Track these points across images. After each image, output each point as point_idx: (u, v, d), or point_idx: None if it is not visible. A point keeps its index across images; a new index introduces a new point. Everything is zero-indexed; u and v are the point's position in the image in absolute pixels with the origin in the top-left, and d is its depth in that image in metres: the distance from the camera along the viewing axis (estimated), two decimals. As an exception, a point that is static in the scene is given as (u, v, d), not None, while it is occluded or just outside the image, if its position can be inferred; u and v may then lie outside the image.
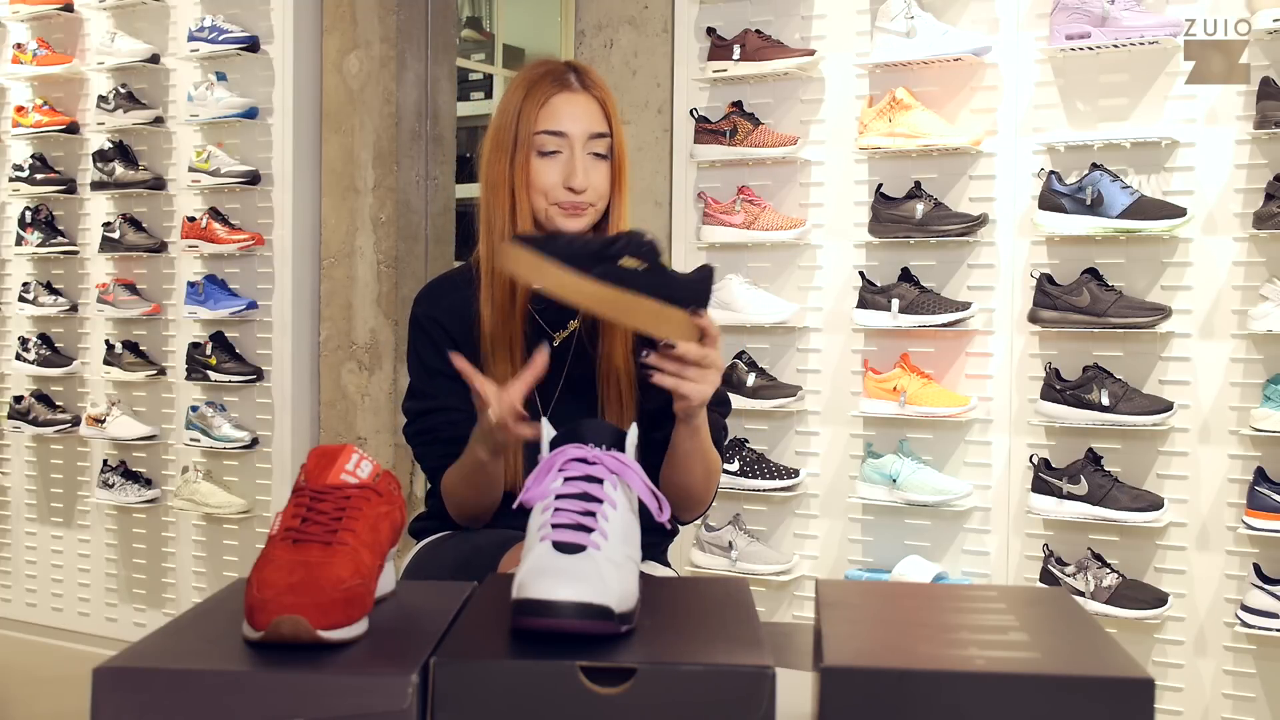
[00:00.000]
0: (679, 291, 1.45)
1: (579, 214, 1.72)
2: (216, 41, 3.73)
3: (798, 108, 3.14)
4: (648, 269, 1.43)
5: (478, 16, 5.55)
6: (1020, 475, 2.88)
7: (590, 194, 1.72)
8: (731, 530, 3.09)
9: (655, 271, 1.45)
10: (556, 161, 1.71)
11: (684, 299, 1.45)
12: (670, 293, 1.44)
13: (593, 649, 0.99)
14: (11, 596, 4.31)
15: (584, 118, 1.72)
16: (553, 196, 1.71)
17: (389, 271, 3.69)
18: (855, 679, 0.96)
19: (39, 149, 4.15)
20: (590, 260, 1.43)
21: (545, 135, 1.70)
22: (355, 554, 1.06)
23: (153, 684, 0.97)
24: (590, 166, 1.72)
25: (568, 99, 1.72)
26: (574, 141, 1.70)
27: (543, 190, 1.71)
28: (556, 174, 1.70)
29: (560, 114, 1.71)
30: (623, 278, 1.42)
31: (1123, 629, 2.69)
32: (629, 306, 1.43)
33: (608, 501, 1.11)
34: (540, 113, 1.71)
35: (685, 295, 1.45)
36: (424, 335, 1.79)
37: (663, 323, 1.44)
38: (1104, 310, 2.72)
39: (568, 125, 1.70)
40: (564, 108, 1.71)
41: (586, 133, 1.71)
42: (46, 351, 4.12)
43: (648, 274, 1.43)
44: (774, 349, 3.16)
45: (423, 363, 1.79)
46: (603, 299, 1.42)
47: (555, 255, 1.43)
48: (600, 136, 1.72)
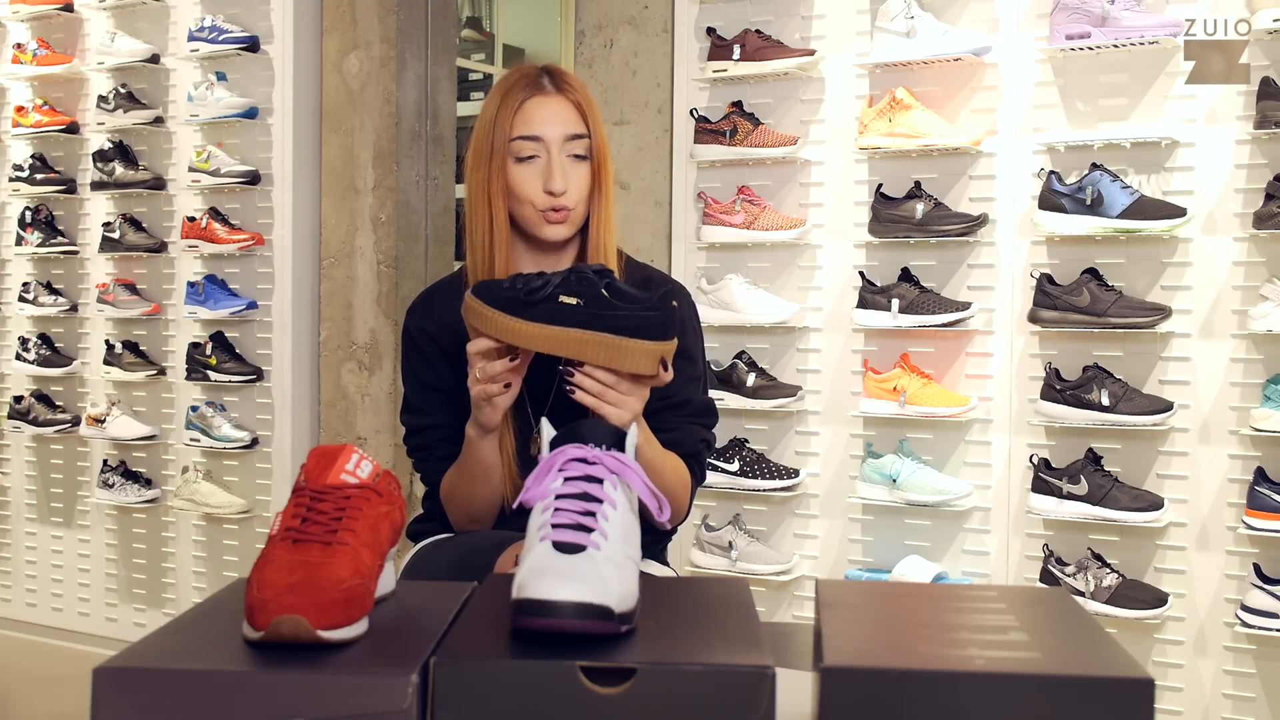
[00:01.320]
0: (626, 319, 1.42)
1: (561, 220, 1.72)
2: (216, 41, 3.73)
3: (798, 108, 3.14)
4: (585, 303, 1.42)
5: (478, 16, 5.55)
6: (1020, 475, 2.88)
7: (570, 196, 1.71)
8: (731, 530, 3.09)
9: (597, 304, 1.42)
10: (535, 166, 1.70)
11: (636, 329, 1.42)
12: (618, 322, 1.42)
13: (593, 649, 0.99)
14: (11, 596, 4.31)
15: (559, 120, 1.71)
16: (536, 203, 1.71)
17: (389, 271, 3.69)
18: (855, 679, 0.96)
19: (39, 149, 4.15)
20: (523, 305, 1.43)
21: (521, 141, 1.70)
22: (355, 554, 1.06)
23: (153, 684, 0.97)
24: (569, 169, 1.71)
25: (541, 103, 1.71)
26: (550, 145, 1.70)
27: (525, 198, 1.71)
28: (535, 178, 1.70)
29: (533, 118, 1.70)
30: (561, 315, 1.41)
31: (1123, 629, 2.69)
32: (573, 343, 1.42)
33: (608, 501, 1.11)
34: (515, 119, 1.70)
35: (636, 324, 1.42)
36: (416, 349, 1.80)
37: (615, 355, 1.42)
38: (1104, 310, 2.72)
39: (541, 129, 1.70)
40: (537, 111, 1.71)
41: (562, 135, 1.70)
42: (46, 351, 4.12)
43: (586, 309, 1.41)
44: (774, 349, 3.16)
45: (416, 377, 1.80)
46: (548, 340, 1.42)
47: (494, 304, 1.44)
48: (578, 138, 1.72)
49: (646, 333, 1.42)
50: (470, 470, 1.68)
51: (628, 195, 3.34)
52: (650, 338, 1.42)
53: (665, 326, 1.43)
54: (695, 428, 1.76)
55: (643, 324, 1.42)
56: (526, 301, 1.43)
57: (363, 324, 3.72)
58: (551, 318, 1.42)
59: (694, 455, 1.74)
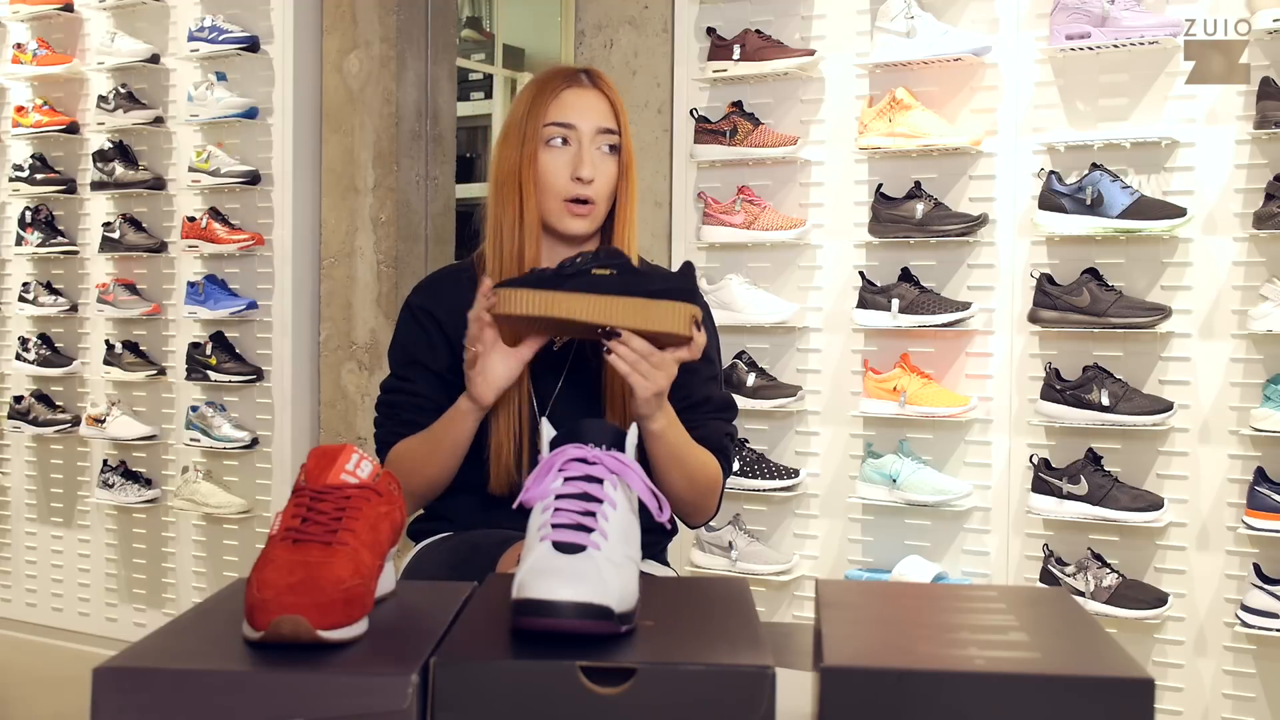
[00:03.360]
0: (658, 284, 1.53)
1: (586, 213, 1.73)
2: (216, 41, 3.73)
3: (798, 108, 3.14)
4: (618, 273, 1.52)
5: (478, 16, 5.56)
6: (1020, 475, 2.88)
7: (597, 187, 1.73)
8: (731, 530, 3.08)
9: (628, 272, 1.53)
10: (565, 154, 1.73)
11: (665, 292, 1.52)
12: (650, 287, 1.52)
13: (593, 649, 0.99)
14: (11, 596, 4.31)
15: (593, 112, 1.74)
16: (562, 192, 1.72)
17: (389, 271, 3.69)
18: (855, 679, 0.96)
19: (39, 149, 4.15)
20: (561, 278, 1.52)
21: (554, 127, 1.73)
22: (355, 554, 1.06)
23: (153, 684, 0.97)
24: (599, 160, 1.73)
25: (577, 94, 1.75)
26: (582, 134, 1.73)
27: (551, 188, 1.73)
28: (565, 166, 1.72)
29: (569, 107, 1.73)
30: (596, 284, 1.51)
31: (1123, 629, 2.69)
32: (611, 307, 1.51)
33: (608, 501, 1.11)
34: (550, 106, 1.73)
35: (666, 288, 1.53)
36: (415, 324, 1.82)
37: (650, 315, 1.52)
38: (1104, 310, 2.72)
39: (575, 118, 1.73)
40: (573, 101, 1.74)
41: (595, 127, 1.74)
42: (46, 351, 4.12)
43: (620, 277, 1.52)
44: (774, 349, 3.16)
45: (405, 349, 1.82)
46: (585, 306, 1.51)
47: (529, 284, 1.54)
48: (609, 132, 1.75)
49: (676, 295, 1.53)
50: (439, 439, 1.71)
51: (628, 195, 3.34)
52: (680, 299, 1.52)
53: (692, 291, 1.55)
54: (718, 423, 1.79)
55: (672, 286, 1.53)
56: (561, 276, 1.52)
57: (363, 324, 3.72)
58: (588, 287, 1.51)
59: (721, 450, 1.78)
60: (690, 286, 1.55)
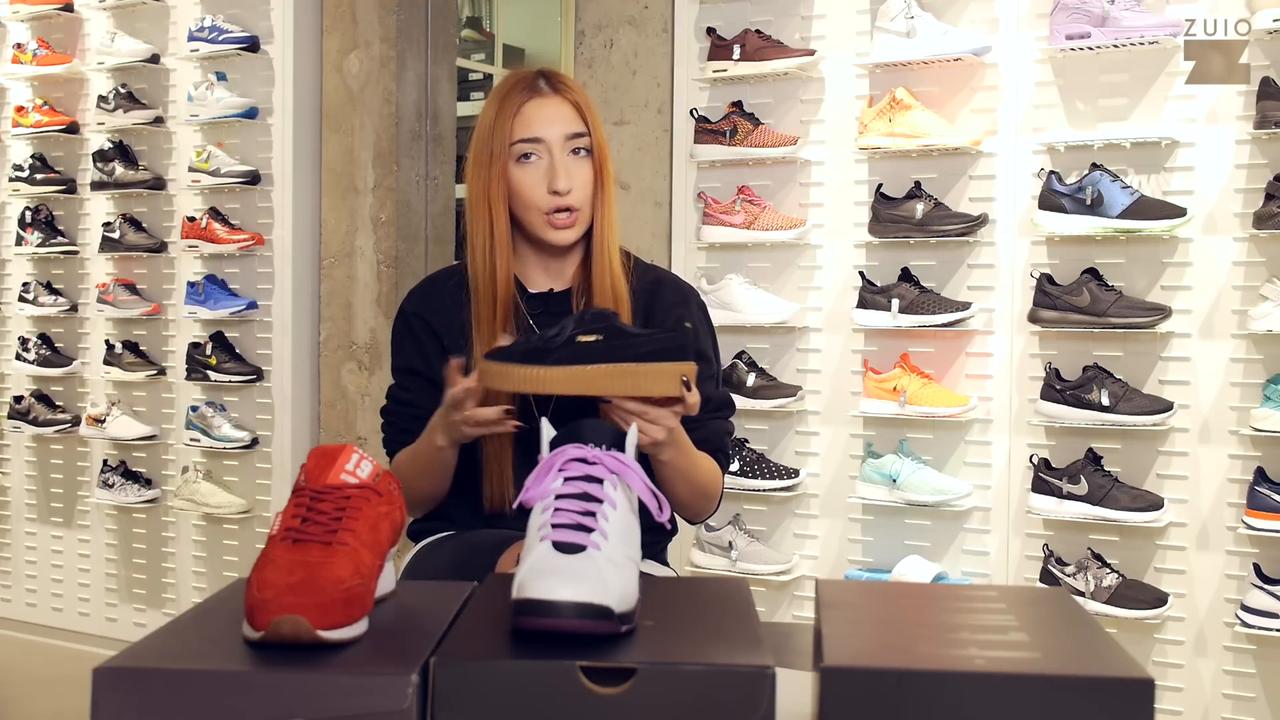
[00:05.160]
0: (646, 346, 1.46)
1: (568, 224, 1.73)
2: (216, 41, 3.73)
3: (798, 108, 3.14)
4: (605, 337, 1.45)
5: (478, 16, 5.55)
6: (1020, 475, 2.88)
7: (575, 195, 1.72)
8: (731, 530, 3.09)
9: (615, 336, 1.46)
10: (538, 169, 1.72)
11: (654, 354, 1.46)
12: (639, 350, 1.45)
13: (593, 649, 0.99)
14: (11, 596, 4.31)
15: (558, 120, 1.73)
16: (542, 206, 1.72)
17: (389, 271, 3.69)
18: (855, 679, 0.96)
19: (39, 149, 4.14)
20: (543, 352, 1.45)
21: (522, 144, 1.72)
22: (355, 554, 1.06)
23: (153, 684, 0.97)
24: (572, 166, 1.72)
25: (539, 104, 1.73)
26: (551, 145, 1.72)
27: (530, 204, 1.72)
28: (539, 180, 1.71)
29: (533, 120, 1.72)
30: (582, 354, 1.44)
31: (1123, 629, 2.69)
32: (598, 379, 1.44)
33: (608, 501, 1.11)
34: (514, 123, 1.72)
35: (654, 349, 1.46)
36: (409, 333, 1.83)
37: (639, 383, 1.45)
38: (1104, 310, 2.72)
39: (542, 130, 1.72)
40: (536, 113, 1.72)
41: (563, 135, 1.72)
42: (46, 351, 4.12)
43: (607, 343, 1.45)
44: (774, 349, 3.16)
45: (403, 360, 1.83)
46: (571, 382, 1.44)
47: (513, 359, 1.46)
48: (578, 136, 1.73)
49: (666, 355, 1.46)
50: (422, 460, 1.71)
51: (628, 195, 3.34)
52: (670, 359, 1.46)
53: (683, 348, 1.48)
54: (717, 423, 1.80)
55: (661, 347, 1.46)
56: (545, 349, 1.45)
57: (363, 324, 3.72)
58: (573, 357, 1.44)
59: (720, 450, 1.79)
60: (680, 343, 1.49)
